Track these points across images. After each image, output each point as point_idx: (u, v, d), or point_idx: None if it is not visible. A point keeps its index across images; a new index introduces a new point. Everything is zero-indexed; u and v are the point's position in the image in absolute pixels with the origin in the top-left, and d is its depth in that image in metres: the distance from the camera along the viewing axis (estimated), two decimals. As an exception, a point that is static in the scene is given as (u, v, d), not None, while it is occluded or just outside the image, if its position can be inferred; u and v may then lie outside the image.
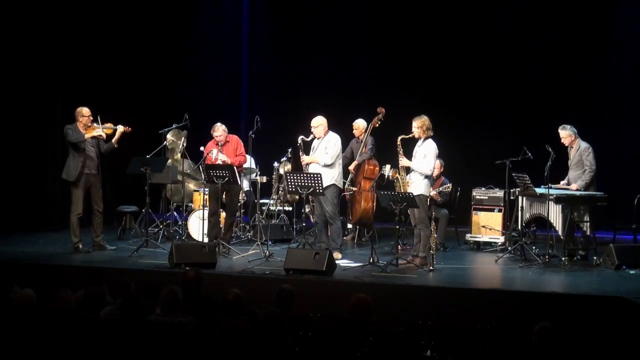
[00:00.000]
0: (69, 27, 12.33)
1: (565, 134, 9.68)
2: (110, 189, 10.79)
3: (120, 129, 9.93)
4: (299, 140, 9.97)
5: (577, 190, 9.52)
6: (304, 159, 9.88)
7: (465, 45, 12.91)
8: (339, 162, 9.79)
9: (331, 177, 9.62)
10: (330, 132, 9.83)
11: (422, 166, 9.02)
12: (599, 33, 12.39)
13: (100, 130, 9.88)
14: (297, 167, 10.42)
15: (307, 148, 10.01)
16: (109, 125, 9.97)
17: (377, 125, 10.62)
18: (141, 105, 12.96)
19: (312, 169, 9.72)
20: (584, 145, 9.63)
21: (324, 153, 9.67)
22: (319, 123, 9.78)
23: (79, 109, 9.90)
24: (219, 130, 10.05)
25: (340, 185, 9.92)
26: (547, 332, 5.11)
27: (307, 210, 11.12)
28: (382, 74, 13.43)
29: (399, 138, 9.19)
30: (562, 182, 9.72)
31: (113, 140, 9.95)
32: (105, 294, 6.17)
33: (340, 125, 10.41)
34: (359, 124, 10.78)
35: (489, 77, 12.84)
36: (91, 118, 9.90)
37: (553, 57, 12.64)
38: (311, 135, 9.88)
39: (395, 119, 10.11)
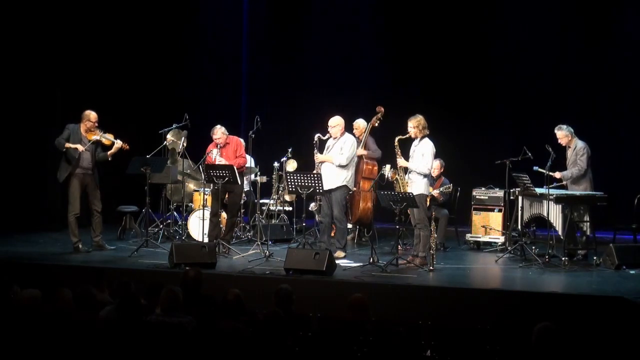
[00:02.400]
0: (69, 27, 12.34)
1: (562, 134, 9.70)
2: (105, 189, 10.77)
3: (118, 144, 9.84)
4: (316, 138, 9.97)
5: (560, 178, 9.52)
6: (319, 157, 9.88)
7: (465, 45, 12.92)
8: (352, 164, 9.79)
9: (343, 178, 9.64)
10: (347, 134, 9.85)
11: (419, 166, 9.03)
12: (600, 32, 12.38)
13: (80, 145, 9.72)
14: (304, 164, 10.41)
15: (321, 147, 10.01)
16: (109, 136, 9.92)
17: (376, 124, 10.60)
18: (141, 105, 12.96)
19: (324, 168, 9.73)
20: (580, 144, 9.65)
21: (339, 153, 9.67)
22: (336, 123, 9.79)
23: (87, 112, 9.86)
24: (218, 133, 10.04)
25: (351, 187, 9.91)
26: (547, 332, 5.11)
27: (313, 208, 11.08)
28: (381, 74, 13.46)
29: (397, 139, 9.20)
30: (556, 174, 9.70)
31: (109, 153, 9.88)
32: (95, 294, 6.16)
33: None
34: (359, 124, 10.75)
35: (489, 76, 12.85)
36: (96, 124, 9.88)
37: (553, 56, 12.65)
38: (327, 135, 9.89)
39: (395, 119, 10.11)
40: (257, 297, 7.16)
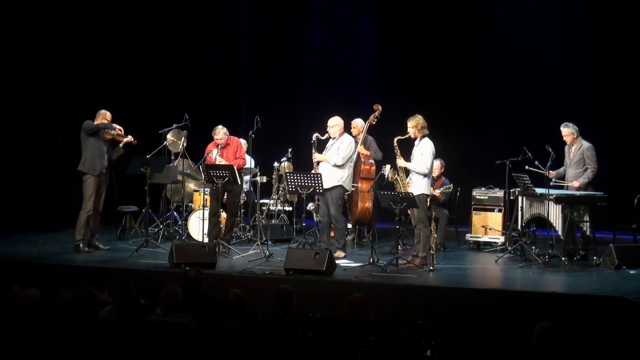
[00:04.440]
0: (70, 26, 12.37)
1: (568, 131, 9.71)
2: (117, 194, 10.81)
3: (129, 138, 10.03)
4: (314, 138, 9.97)
5: (578, 187, 9.53)
6: (316, 156, 9.89)
7: (465, 45, 12.92)
8: (349, 165, 9.78)
9: (339, 178, 9.64)
10: (346, 134, 9.86)
11: (418, 165, 9.03)
12: (600, 31, 12.38)
13: (116, 133, 9.97)
14: (304, 164, 10.41)
15: (321, 147, 10.00)
16: (121, 133, 10.03)
17: (374, 122, 10.58)
18: (141, 105, 12.96)
19: (322, 167, 9.73)
20: (586, 144, 9.65)
21: (336, 153, 9.68)
22: (335, 123, 9.81)
23: (103, 111, 9.96)
24: (220, 133, 10.05)
25: (348, 188, 9.91)
26: (548, 332, 5.11)
27: (311, 207, 11.08)
28: (381, 74, 13.46)
29: (396, 139, 9.21)
30: (552, 172, 9.68)
31: (121, 145, 10.04)
32: (95, 294, 6.17)
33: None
34: (357, 123, 10.72)
35: (489, 76, 12.85)
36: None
37: (553, 56, 12.65)
38: (326, 134, 9.89)
39: (394, 119, 10.11)
40: (257, 297, 7.15)
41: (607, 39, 12.35)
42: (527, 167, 9.63)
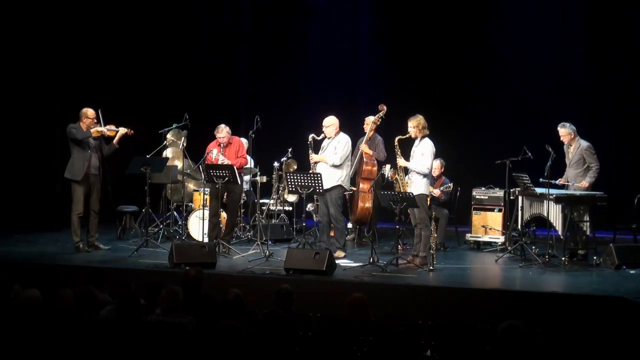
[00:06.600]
0: (69, 26, 12.37)
1: (565, 132, 9.71)
2: (111, 190, 10.79)
3: (122, 130, 9.93)
4: (309, 138, 9.96)
5: (587, 187, 9.50)
6: (313, 157, 9.87)
7: (465, 45, 12.93)
8: (347, 164, 9.78)
9: (338, 178, 9.63)
10: (342, 133, 9.84)
11: (418, 165, 9.04)
12: (599, 32, 12.38)
13: (105, 130, 9.90)
14: (304, 165, 10.40)
15: (317, 147, 10.00)
16: (111, 127, 9.96)
17: (379, 122, 10.57)
18: (141, 105, 12.96)
19: (319, 168, 9.73)
20: (585, 144, 9.65)
21: (333, 153, 9.67)
22: (330, 123, 9.79)
23: (84, 110, 9.84)
24: (223, 132, 10.05)
25: (347, 187, 9.90)
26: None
27: (311, 208, 11.09)
28: (382, 74, 13.47)
29: (396, 139, 9.22)
30: (560, 180, 9.71)
31: (114, 141, 9.95)
32: (95, 294, 6.17)
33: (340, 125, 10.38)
34: (371, 119, 10.67)
35: (489, 76, 12.85)
36: (95, 120, 9.89)
37: (553, 56, 12.65)
38: (322, 135, 9.88)
39: (395, 119, 10.12)
40: (257, 297, 7.16)
41: (607, 39, 12.34)
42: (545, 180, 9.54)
